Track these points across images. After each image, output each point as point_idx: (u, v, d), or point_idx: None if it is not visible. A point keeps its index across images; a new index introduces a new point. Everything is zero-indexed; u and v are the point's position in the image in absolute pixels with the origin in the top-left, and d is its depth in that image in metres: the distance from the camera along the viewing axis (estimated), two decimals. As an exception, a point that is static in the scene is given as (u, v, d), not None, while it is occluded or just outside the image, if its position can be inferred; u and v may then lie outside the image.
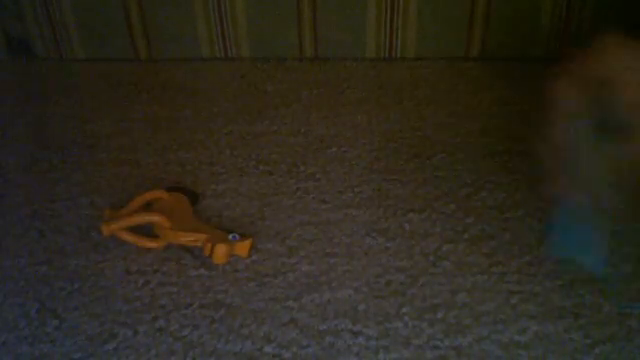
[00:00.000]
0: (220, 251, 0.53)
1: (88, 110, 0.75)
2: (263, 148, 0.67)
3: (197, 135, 0.69)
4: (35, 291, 0.52)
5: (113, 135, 0.70)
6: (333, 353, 0.46)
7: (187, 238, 0.54)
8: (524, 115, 0.68)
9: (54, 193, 0.62)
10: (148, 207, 0.57)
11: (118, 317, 0.49)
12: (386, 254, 0.54)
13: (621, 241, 0.49)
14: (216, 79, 0.79)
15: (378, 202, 0.59)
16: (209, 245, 0.53)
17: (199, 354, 0.46)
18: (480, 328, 0.47)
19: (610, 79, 0.44)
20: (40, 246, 0.56)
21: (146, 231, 0.55)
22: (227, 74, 0.80)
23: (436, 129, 0.68)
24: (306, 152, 0.66)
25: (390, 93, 0.74)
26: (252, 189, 0.61)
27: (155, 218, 0.55)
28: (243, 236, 0.54)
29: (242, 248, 0.54)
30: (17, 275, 0.53)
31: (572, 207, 0.43)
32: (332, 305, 0.50)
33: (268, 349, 0.46)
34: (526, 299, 0.49)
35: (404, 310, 0.49)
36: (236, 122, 0.71)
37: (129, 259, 0.54)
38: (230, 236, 0.54)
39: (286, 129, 0.69)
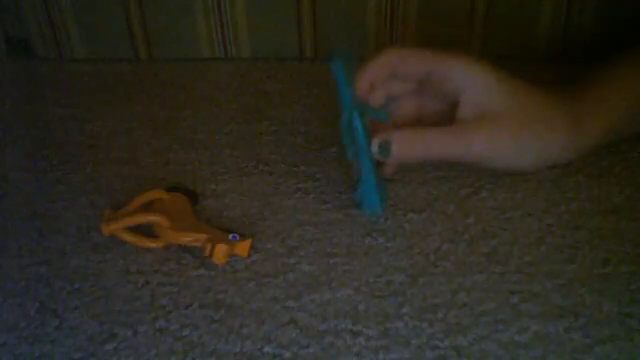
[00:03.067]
0: (220, 251, 0.52)
1: (88, 110, 0.75)
2: (263, 148, 0.67)
3: (197, 135, 0.69)
4: (35, 291, 0.52)
5: (113, 135, 0.70)
6: (333, 353, 0.46)
7: (187, 238, 0.54)
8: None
9: (54, 193, 0.62)
10: (148, 207, 0.57)
11: (118, 317, 0.49)
12: (386, 254, 0.54)
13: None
14: (216, 79, 0.79)
15: (378, 202, 0.59)
16: (209, 245, 0.53)
17: (199, 354, 0.46)
18: (480, 328, 0.47)
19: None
20: (40, 246, 0.56)
21: (146, 231, 0.55)
22: (227, 74, 0.80)
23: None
24: (306, 152, 0.66)
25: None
26: (252, 189, 0.61)
27: (155, 218, 0.55)
28: (243, 236, 0.54)
29: (242, 248, 0.54)
30: (17, 275, 0.53)
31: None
32: (332, 305, 0.50)
33: (268, 349, 0.46)
34: (526, 299, 0.49)
35: (404, 310, 0.49)
36: (236, 122, 0.71)
37: (129, 259, 0.54)
38: (230, 236, 0.54)
39: (286, 129, 0.69)
